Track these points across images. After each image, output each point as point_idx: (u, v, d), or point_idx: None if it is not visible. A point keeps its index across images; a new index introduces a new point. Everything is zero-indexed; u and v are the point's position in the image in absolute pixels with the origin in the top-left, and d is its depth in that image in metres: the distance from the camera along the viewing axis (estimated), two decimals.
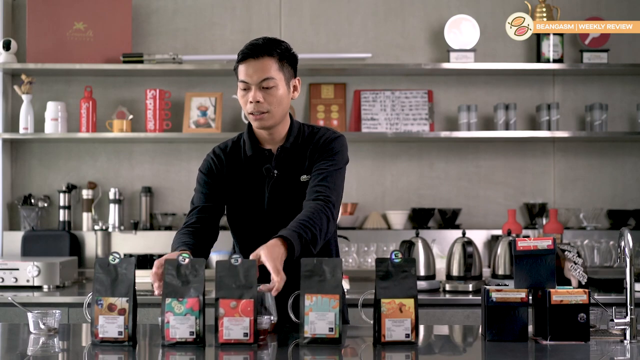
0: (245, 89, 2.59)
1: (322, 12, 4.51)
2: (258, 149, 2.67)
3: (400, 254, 2.33)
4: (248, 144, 2.68)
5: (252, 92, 2.56)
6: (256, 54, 2.56)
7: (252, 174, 2.67)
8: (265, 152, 2.67)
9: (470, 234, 4.10)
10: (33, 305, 3.19)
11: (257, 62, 2.56)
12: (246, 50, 2.58)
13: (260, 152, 2.67)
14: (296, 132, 2.68)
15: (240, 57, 2.59)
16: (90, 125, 4.30)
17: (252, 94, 2.56)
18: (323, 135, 2.67)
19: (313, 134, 2.69)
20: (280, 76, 2.59)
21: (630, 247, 2.38)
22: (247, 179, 2.67)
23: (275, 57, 2.58)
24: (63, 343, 2.42)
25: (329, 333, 2.24)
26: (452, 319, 3.62)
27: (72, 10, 4.35)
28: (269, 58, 2.57)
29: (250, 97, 2.57)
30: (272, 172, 2.65)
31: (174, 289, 2.25)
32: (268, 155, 2.67)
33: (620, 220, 4.42)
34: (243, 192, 2.67)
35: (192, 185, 4.43)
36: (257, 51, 2.56)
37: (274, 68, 2.58)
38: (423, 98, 4.42)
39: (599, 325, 2.50)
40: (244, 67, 2.58)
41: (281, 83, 2.59)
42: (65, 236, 4.29)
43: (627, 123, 4.51)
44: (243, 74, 2.58)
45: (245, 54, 2.58)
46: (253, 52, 2.57)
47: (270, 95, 2.57)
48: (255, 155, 2.67)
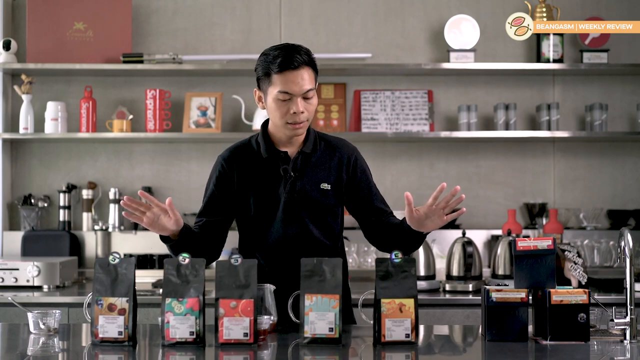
0: (285, 100, 2.57)
1: (322, 12, 4.51)
2: (274, 151, 2.68)
3: (400, 254, 2.33)
4: (263, 145, 2.68)
5: (296, 103, 2.56)
6: (295, 65, 2.55)
7: (267, 175, 2.67)
8: (282, 154, 2.67)
9: (470, 234, 4.10)
10: (33, 305, 3.18)
11: (297, 72, 2.56)
12: (285, 61, 2.55)
13: (276, 153, 2.68)
14: (313, 138, 2.71)
15: (278, 68, 2.55)
16: (90, 125, 4.30)
17: (297, 105, 2.56)
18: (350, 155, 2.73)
19: (333, 146, 2.73)
20: (314, 83, 2.62)
21: (630, 247, 2.38)
22: (261, 180, 2.67)
23: (310, 67, 2.60)
24: (63, 343, 2.43)
25: (329, 333, 2.24)
26: (452, 319, 3.61)
27: (72, 10, 4.35)
28: (306, 68, 2.58)
29: (294, 108, 2.57)
30: (290, 173, 2.65)
31: (174, 288, 2.25)
32: (284, 157, 2.67)
33: (620, 220, 4.41)
34: (257, 193, 2.67)
35: (192, 185, 4.49)
36: (296, 62, 2.55)
37: (312, 78, 2.60)
38: (423, 98, 4.42)
39: (599, 325, 2.50)
40: (284, 77, 2.55)
41: (315, 92, 2.63)
42: (65, 236, 4.29)
43: (627, 123, 4.51)
44: (284, 85, 2.55)
45: (283, 64, 2.55)
46: (292, 62, 2.55)
47: (309, 105, 2.60)
48: (271, 157, 2.67)
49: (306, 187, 2.65)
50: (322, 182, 2.67)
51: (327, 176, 2.68)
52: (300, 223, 2.65)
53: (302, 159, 2.68)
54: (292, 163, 2.67)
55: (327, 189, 2.67)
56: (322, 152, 2.71)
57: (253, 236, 2.72)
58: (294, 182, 2.65)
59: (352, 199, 2.73)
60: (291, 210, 2.65)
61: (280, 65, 2.55)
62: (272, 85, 2.58)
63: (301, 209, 2.65)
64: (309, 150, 2.68)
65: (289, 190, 2.65)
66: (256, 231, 2.70)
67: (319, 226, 2.68)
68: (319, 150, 2.71)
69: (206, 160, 4.49)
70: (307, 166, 2.68)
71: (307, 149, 2.68)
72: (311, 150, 2.68)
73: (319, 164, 2.69)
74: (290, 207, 2.65)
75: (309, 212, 2.65)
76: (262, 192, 2.66)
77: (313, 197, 2.65)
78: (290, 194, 2.65)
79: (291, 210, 2.65)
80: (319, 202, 2.66)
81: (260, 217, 2.68)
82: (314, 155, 2.69)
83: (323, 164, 2.69)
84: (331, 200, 2.68)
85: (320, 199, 2.66)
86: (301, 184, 2.65)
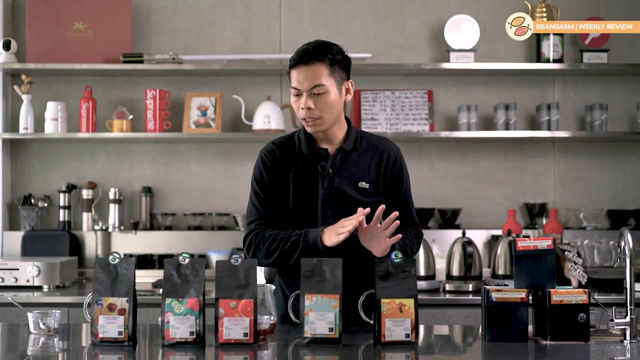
0: (297, 95, 2.60)
1: (322, 12, 4.51)
2: (314, 147, 2.68)
3: (400, 254, 2.34)
4: (304, 141, 2.68)
5: (304, 98, 2.58)
6: (307, 60, 2.57)
7: (306, 171, 2.67)
8: (321, 150, 2.68)
9: (470, 234, 4.10)
10: (33, 305, 3.19)
11: (308, 68, 2.57)
12: (297, 56, 2.59)
13: (316, 150, 2.67)
14: (355, 137, 2.70)
15: (292, 63, 2.59)
16: (90, 125, 4.30)
17: (304, 101, 2.58)
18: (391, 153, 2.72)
19: (374, 145, 2.71)
20: (331, 81, 2.60)
21: (630, 247, 2.38)
22: (300, 175, 2.67)
23: (326, 62, 2.59)
24: (63, 343, 2.42)
25: (329, 333, 2.24)
26: (452, 319, 3.62)
27: (72, 10, 4.35)
28: (319, 64, 2.58)
29: (302, 104, 2.58)
30: (328, 170, 2.65)
31: (174, 288, 2.25)
32: (324, 154, 2.67)
33: (620, 220, 4.42)
34: (295, 188, 2.66)
35: (192, 185, 4.49)
36: (307, 57, 2.57)
37: (324, 74, 2.59)
38: (423, 98, 4.42)
39: (599, 325, 2.50)
40: (295, 73, 2.59)
41: (332, 88, 2.60)
42: (65, 236, 4.29)
43: (627, 123, 4.51)
44: (294, 81, 2.60)
45: (296, 60, 2.59)
46: (304, 58, 2.57)
47: (321, 101, 2.59)
48: (311, 153, 2.67)
49: (344, 184, 2.64)
50: (360, 180, 2.65)
51: (366, 175, 2.66)
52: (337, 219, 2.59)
53: (342, 157, 2.67)
54: (330, 160, 2.66)
55: (366, 187, 2.65)
56: (363, 151, 2.69)
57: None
58: (331, 179, 2.64)
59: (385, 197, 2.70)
60: (329, 208, 2.64)
61: (294, 59, 2.59)
62: (290, 81, 2.63)
63: (339, 206, 2.63)
64: (349, 148, 2.67)
65: (326, 187, 2.64)
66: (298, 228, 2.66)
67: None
68: (360, 148, 2.69)
69: (206, 160, 4.50)
70: (346, 164, 2.66)
71: (347, 147, 2.67)
72: (351, 148, 2.67)
73: (358, 162, 2.68)
74: (328, 205, 2.64)
75: (347, 210, 2.61)
76: (300, 188, 2.65)
77: (350, 195, 2.64)
78: (328, 192, 2.64)
79: (329, 208, 2.64)
80: (356, 201, 2.63)
81: (299, 213, 2.66)
82: (353, 153, 2.68)
83: (363, 163, 2.68)
84: (369, 199, 2.65)
85: (358, 197, 2.64)
86: (339, 182, 2.64)
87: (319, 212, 2.64)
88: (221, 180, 4.50)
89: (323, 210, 2.64)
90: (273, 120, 4.27)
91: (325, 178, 2.65)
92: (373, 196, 2.66)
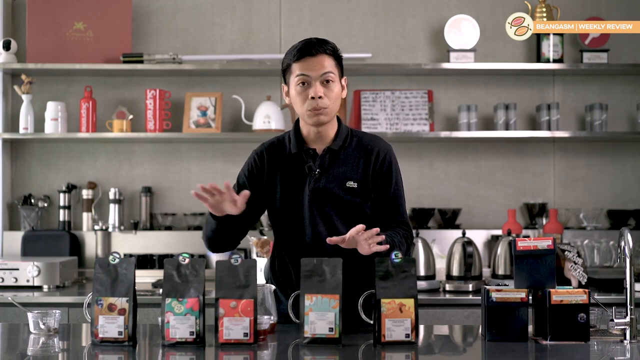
0: (304, 83, 2.59)
1: (322, 12, 4.51)
2: (303, 147, 2.67)
3: (400, 254, 2.34)
4: (294, 141, 2.68)
5: (314, 87, 2.57)
6: (313, 52, 2.58)
7: (294, 172, 2.67)
8: (310, 151, 2.67)
9: (470, 234, 4.10)
10: (33, 305, 3.19)
11: (314, 58, 2.59)
12: (303, 49, 2.60)
13: (304, 150, 2.67)
14: (344, 136, 2.69)
15: (297, 55, 2.59)
16: (90, 125, 4.30)
17: (314, 89, 2.57)
18: (381, 150, 2.68)
19: (364, 144, 2.69)
20: (336, 72, 2.62)
21: (630, 247, 2.38)
22: (288, 176, 2.67)
23: (330, 55, 2.61)
24: (63, 343, 2.43)
25: (329, 333, 2.24)
26: (452, 319, 3.62)
27: (72, 10, 4.35)
28: (325, 55, 2.60)
29: (312, 92, 2.57)
30: (315, 171, 2.64)
31: (174, 288, 2.25)
32: (312, 154, 2.67)
33: (620, 220, 4.42)
34: (283, 188, 2.67)
35: (192, 185, 4.47)
36: (314, 49, 2.58)
37: (331, 64, 2.61)
38: (423, 98, 4.42)
39: (599, 325, 2.50)
40: (302, 64, 2.59)
41: (337, 79, 2.62)
42: (65, 236, 4.29)
43: (627, 123, 4.51)
44: (302, 69, 2.58)
45: (302, 51, 2.59)
46: (310, 49, 2.59)
47: (330, 90, 2.59)
48: (299, 153, 2.67)
49: (331, 184, 2.63)
50: (348, 179, 2.64)
51: (355, 174, 2.64)
52: (328, 221, 2.62)
53: (330, 156, 2.66)
54: (318, 160, 2.65)
55: (354, 187, 2.63)
56: (353, 150, 2.68)
57: (285, 234, 2.70)
58: (317, 179, 2.64)
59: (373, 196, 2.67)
60: (315, 208, 2.63)
61: (299, 52, 2.59)
62: (292, 74, 2.61)
63: (326, 206, 2.63)
64: (337, 147, 2.66)
65: (312, 187, 2.63)
66: (287, 229, 2.68)
67: (347, 224, 2.59)
68: (350, 147, 2.68)
69: (206, 160, 4.50)
70: (334, 163, 2.65)
71: (335, 146, 2.66)
72: (340, 147, 2.66)
73: (347, 162, 2.66)
74: (315, 205, 2.63)
75: (335, 210, 2.62)
76: (287, 189, 2.65)
77: (338, 195, 2.63)
78: (314, 192, 2.63)
79: (315, 208, 2.63)
80: (344, 200, 2.62)
81: (286, 213, 2.66)
82: (342, 152, 2.66)
83: (352, 162, 2.66)
84: (358, 199, 2.64)
85: (345, 196, 2.63)
86: (326, 182, 2.63)
87: (306, 213, 2.64)
88: (221, 180, 4.39)
89: (310, 210, 2.64)
90: (273, 120, 4.27)
91: (312, 179, 2.64)
92: (361, 196, 2.65)
